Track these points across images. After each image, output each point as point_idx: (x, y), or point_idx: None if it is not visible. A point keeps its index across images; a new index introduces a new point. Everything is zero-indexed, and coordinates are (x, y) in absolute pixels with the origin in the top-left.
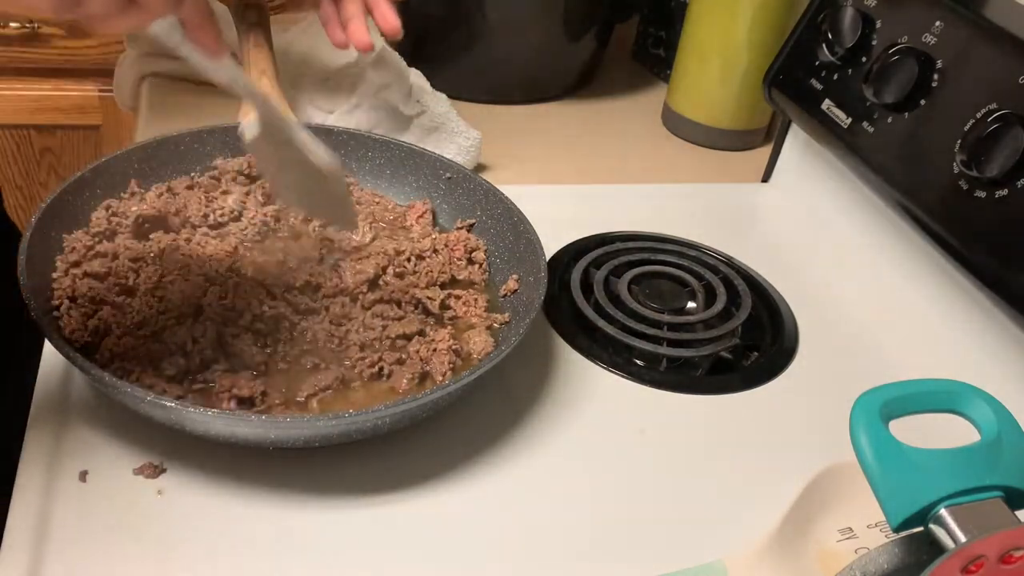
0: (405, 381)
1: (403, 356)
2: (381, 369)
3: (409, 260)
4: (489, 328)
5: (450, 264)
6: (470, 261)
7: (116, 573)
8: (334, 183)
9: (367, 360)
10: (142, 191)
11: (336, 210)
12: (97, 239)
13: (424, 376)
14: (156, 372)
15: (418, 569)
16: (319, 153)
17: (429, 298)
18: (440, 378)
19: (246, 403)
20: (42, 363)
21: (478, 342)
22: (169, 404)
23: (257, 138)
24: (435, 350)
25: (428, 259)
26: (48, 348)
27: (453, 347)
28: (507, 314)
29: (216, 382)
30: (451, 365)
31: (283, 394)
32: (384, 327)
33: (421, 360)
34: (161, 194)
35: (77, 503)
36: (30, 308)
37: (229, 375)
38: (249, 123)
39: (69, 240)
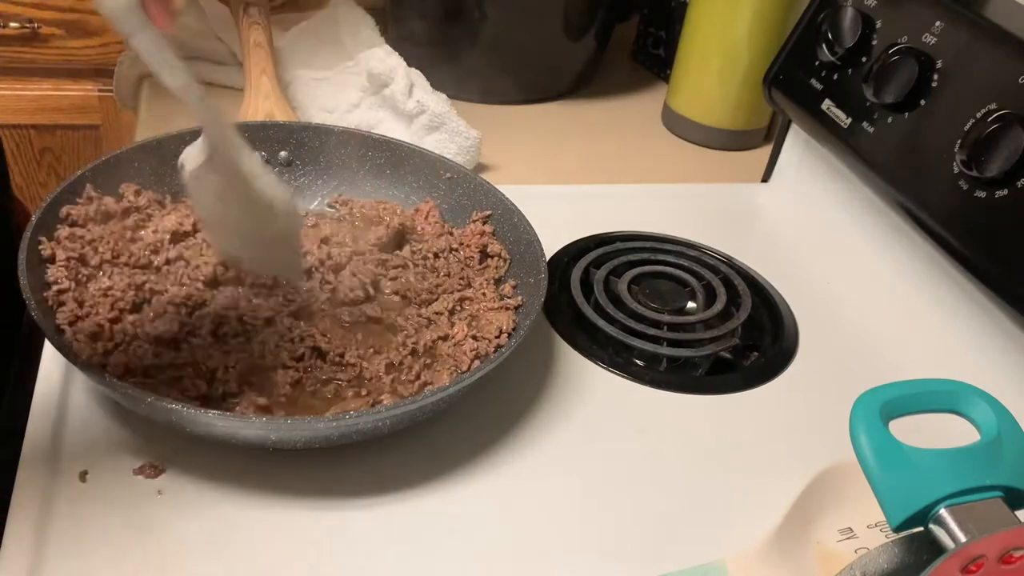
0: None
1: (429, 361)
2: (418, 375)
3: (425, 258)
4: (506, 309)
5: (465, 267)
6: (485, 255)
7: (116, 573)
8: (285, 222)
9: (400, 379)
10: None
11: (284, 256)
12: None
13: (457, 371)
14: (160, 374)
15: (419, 569)
16: (271, 185)
17: (436, 313)
18: (467, 368)
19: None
20: (42, 363)
21: (500, 319)
22: (169, 405)
23: (199, 168)
24: (455, 343)
25: (443, 258)
26: (48, 348)
27: (471, 334)
28: (520, 297)
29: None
30: (474, 352)
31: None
32: (410, 344)
33: (449, 357)
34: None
35: (77, 503)
36: (29, 308)
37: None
38: (191, 152)
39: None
